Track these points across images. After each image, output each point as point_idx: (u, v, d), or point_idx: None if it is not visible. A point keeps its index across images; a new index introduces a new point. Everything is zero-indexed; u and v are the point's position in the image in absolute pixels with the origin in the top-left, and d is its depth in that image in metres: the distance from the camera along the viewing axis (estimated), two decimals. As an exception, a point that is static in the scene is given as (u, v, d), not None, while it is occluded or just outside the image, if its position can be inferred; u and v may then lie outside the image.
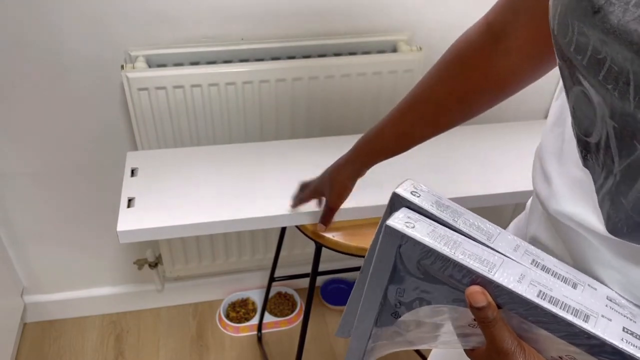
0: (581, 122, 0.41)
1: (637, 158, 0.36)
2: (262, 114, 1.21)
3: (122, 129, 1.26)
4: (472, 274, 0.40)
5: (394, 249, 0.43)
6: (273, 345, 1.56)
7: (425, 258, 0.42)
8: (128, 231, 0.89)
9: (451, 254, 0.40)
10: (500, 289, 0.39)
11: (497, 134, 1.16)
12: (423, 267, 0.43)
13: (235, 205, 0.93)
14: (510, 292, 0.39)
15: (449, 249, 0.41)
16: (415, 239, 0.41)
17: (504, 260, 0.41)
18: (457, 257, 0.40)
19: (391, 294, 0.47)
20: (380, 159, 0.81)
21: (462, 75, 0.66)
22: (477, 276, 0.40)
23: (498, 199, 1.01)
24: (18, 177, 1.29)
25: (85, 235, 1.44)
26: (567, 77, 0.41)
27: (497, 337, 0.41)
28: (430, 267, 0.42)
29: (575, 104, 0.41)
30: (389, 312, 0.48)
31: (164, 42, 1.15)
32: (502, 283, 0.39)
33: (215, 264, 1.50)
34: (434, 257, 0.41)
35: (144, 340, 1.56)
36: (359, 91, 1.22)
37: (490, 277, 0.39)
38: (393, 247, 0.43)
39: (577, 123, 0.42)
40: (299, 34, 1.20)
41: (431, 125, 0.74)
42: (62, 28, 1.09)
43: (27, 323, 1.59)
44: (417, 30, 1.26)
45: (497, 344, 0.41)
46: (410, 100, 0.73)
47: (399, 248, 0.43)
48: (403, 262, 0.44)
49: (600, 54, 0.35)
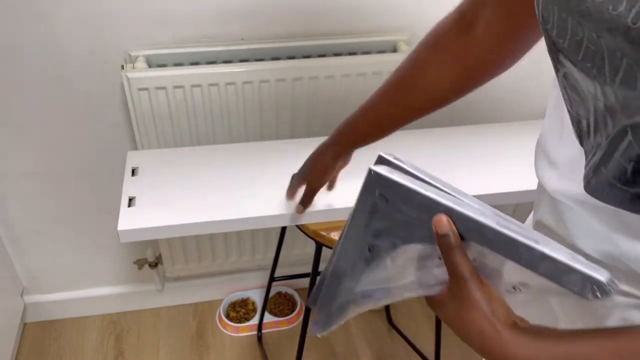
0: (572, 102, 0.44)
1: (619, 130, 0.38)
2: (262, 114, 1.21)
3: (123, 129, 1.26)
4: (439, 206, 0.45)
5: (373, 192, 0.48)
6: (273, 345, 1.57)
7: (401, 200, 0.47)
8: (128, 230, 0.89)
9: (424, 191, 0.46)
10: (463, 218, 0.44)
11: (497, 134, 1.16)
12: (398, 208, 0.47)
13: (236, 205, 0.94)
14: (474, 221, 0.43)
15: (422, 189, 0.46)
16: (393, 179, 0.46)
17: (470, 205, 0.46)
18: (429, 194, 0.45)
19: (366, 238, 0.51)
20: (361, 143, 0.82)
21: (437, 59, 0.68)
22: (444, 208, 0.45)
23: (498, 199, 1.01)
24: (18, 176, 1.29)
25: (86, 235, 1.44)
26: (554, 61, 0.44)
27: (457, 263, 0.44)
28: (405, 206, 0.47)
29: (564, 86, 0.44)
30: (362, 259, 0.52)
31: (164, 42, 1.15)
32: (466, 213, 0.44)
33: (215, 264, 1.50)
34: (408, 196, 0.46)
35: (144, 340, 1.57)
36: (359, 91, 1.22)
37: (455, 207, 0.44)
38: (372, 190, 0.48)
39: (569, 104, 0.45)
40: (299, 34, 1.20)
41: (408, 109, 0.76)
42: (62, 28, 1.09)
43: (27, 323, 1.59)
44: (417, 30, 1.26)
45: (457, 269, 0.44)
46: (389, 84, 0.75)
47: (376, 191, 0.47)
48: (378, 208, 0.48)
49: (578, 35, 0.38)
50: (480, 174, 1.04)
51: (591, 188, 0.43)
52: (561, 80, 0.44)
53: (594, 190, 0.43)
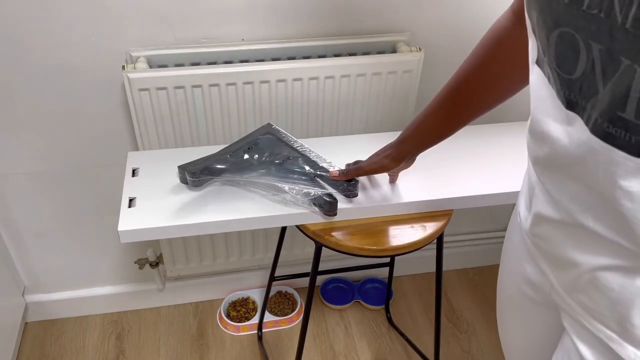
0: (563, 62, 0.46)
1: (623, 71, 0.40)
2: (262, 114, 1.21)
3: (123, 129, 1.27)
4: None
5: (264, 130, 1.04)
6: (273, 344, 1.57)
7: (281, 141, 1.02)
8: (129, 231, 0.89)
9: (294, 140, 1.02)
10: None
11: (496, 134, 1.16)
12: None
13: (236, 205, 0.94)
14: None
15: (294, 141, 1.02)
16: (280, 129, 1.04)
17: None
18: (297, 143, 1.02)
19: (246, 154, 0.99)
20: (422, 148, 0.88)
21: (497, 55, 0.73)
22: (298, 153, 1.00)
23: (498, 199, 1.01)
24: (19, 176, 1.30)
25: (86, 234, 1.45)
26: (545, 25, 0.47)
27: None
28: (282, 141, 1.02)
29: (556, 47, 0.47)
30: (243, 164, 0.97)
31: (165, 42, 1.16)
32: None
33: (215, 264, 1.50)
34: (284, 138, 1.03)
35: (144, 339, 1.57)
36: (359, 92, 1.22)
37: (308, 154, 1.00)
38: (264, 129, 1.05)
39: (559, 64, 0.47)
40: (299, 35, 1.21)
41: (474, 108, 0.80)
42: (63, 28, 1.10)
43: (29, 322, 1.59)
44: (417, 30, 1.26)
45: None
46: (452, 86, 0.79)
47: (266, 132, 1.04)
48: (262, 140, 1.02)
49: None
50: (480, 174, 1.04)
51: (613, 139, 0.44)
52: (553, 42, 0.47)
53: (616, 139, 0.44)
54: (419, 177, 1.02)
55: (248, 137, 1.03)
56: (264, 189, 0.94)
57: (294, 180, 0.93)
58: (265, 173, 0.94)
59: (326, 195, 0.91)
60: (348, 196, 0.94)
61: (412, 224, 0.97)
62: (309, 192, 0.91)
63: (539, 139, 0.55)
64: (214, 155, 0.99)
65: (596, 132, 0.45)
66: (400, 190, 0.99)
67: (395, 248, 0.94)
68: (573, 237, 0.55)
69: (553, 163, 0.53)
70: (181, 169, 0.96)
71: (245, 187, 0.97)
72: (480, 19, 1.23)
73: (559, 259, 0.59)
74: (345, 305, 1.68)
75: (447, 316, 1.68)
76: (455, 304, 1.72)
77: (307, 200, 0.92)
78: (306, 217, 0.94)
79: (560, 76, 0.48)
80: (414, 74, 1.22)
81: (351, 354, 1.55)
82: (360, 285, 1.73)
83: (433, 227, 0.97)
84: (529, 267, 0.68)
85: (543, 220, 0.60)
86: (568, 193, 0.53)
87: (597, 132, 0.45)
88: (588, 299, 0.56)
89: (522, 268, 0.71)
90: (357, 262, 1.53)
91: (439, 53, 1.30)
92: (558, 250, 0.59)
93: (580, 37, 0.43)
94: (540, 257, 0.64)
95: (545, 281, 0.65)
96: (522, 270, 0.71)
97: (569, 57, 0.45)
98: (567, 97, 0.48)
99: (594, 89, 0.44)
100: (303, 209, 0.93)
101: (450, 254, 1.76)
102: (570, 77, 0.46)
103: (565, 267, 0.59)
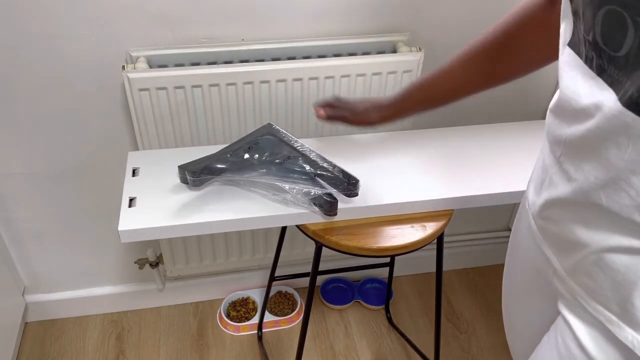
0: (609, 40, 0.47)
1: None
2: (262, 114, 1.21)
3: (123, 129, 1.27)
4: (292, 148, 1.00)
5: (264, 131, 1.03)
6: (273, 344, 1.57)
7: (281, 141, 1.00)
8: (129, 231, 0.89)
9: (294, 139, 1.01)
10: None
11: (497, 134, 1.16)
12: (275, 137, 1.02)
13: (236, 205, 0.94)
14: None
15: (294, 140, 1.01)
16: (280, 129, 1.03)
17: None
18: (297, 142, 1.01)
19: (246, 154, 0.98)
20: (422, 109, 0.86)
21: (525, 29, 0.75)
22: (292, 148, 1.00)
23: (498, 199, 1.01)
24: (19, 176, 1.30)
25: (87, 234, 1.45)
26: (591, 4, 0.48)
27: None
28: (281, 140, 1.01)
29: (602, 26, 0.48)
30: (242, 163, 0.97)
31: (165, 42, 1.16)
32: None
33: (216, 264, 1.50)
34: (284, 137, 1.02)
35: (145, 339, 1.57)
36: (359, 92, 1.22)
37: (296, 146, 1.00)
38: (264, 129, 1.03)
39: (605, 42, 0.48)
40: (299, 35, 1.21)
41: (490, 76, 0.81)
42: (62, 28, 1.10)
43: (29, 322, 1.59)
44: (417, 30, 1.26)
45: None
46: (472, 51, 0.80)
47: (266, 132, 1.02)
48: (262, 140, 1.01)
49: None
50: (480, 174, 1.04)
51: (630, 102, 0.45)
52: (599, 21, 0.48)
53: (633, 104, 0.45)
54: (419, 177, 1.02)
55: (248, 137, 1.02)
56: (264, 188, 0.94)
57: (294, 179, 0.93)
58: (265, 173, 0.94)
59: (326, 195, 0.91)
60: (348, 196, 0.94)
61: (412, 224, 0.98)
62: (309, 191, 0.91)
63: (567, 117, 0.56)
64: (214, 155, 0.99)
65: (629, 105, 0.46)
66: (400, 190, 0.99)
67: (395, 248, 0.94)
68: (583, 218, 0.56)
69: (581, 141, 0.54)
70: (181, 169, 0.96)
71: (246, 187, 0.97)
72: (480, 18, 1.23)
73: (565, 242, 0.60)
74: (345, 305, 1.68)
75: (447, 316, 1.68)
76: (455, 304, 1.72)
77: (307, 200, 0.92)
78: (306, 216, 0.94)
79: (606, 53, 0.48)
80: (414, 74, 1.22)
81: (351, 354, 1.55)
82: (360, 285, 1.73)
83: (433, 227, 0.97)
84: (532, 253, 0.69)
85: (554, 202, 0.61)
86: (587, 171, 0.53)
87: (630, 105, 0.46)
88: (591, 280, 0.57)
89: (526, 254, 0.72)
90: (357, 262, 1.53)
91: (439, 53, 1.29)
92: (565, 232, 0.59)
93: (629, 14, 0.44)
94: (545, 242, 0.65)
95: (548, 267, 0.65)
96: (526, 256, 0.72)
97: (615, 34, 0.46)
98: (608, 73, 0.49)
99: (638, 64, 0.44)
100: (303, 208, 0.93)
101: (450, 254, 1.77)
102: (616, 55, 0.47)
103: (570, 249, 0.59)
